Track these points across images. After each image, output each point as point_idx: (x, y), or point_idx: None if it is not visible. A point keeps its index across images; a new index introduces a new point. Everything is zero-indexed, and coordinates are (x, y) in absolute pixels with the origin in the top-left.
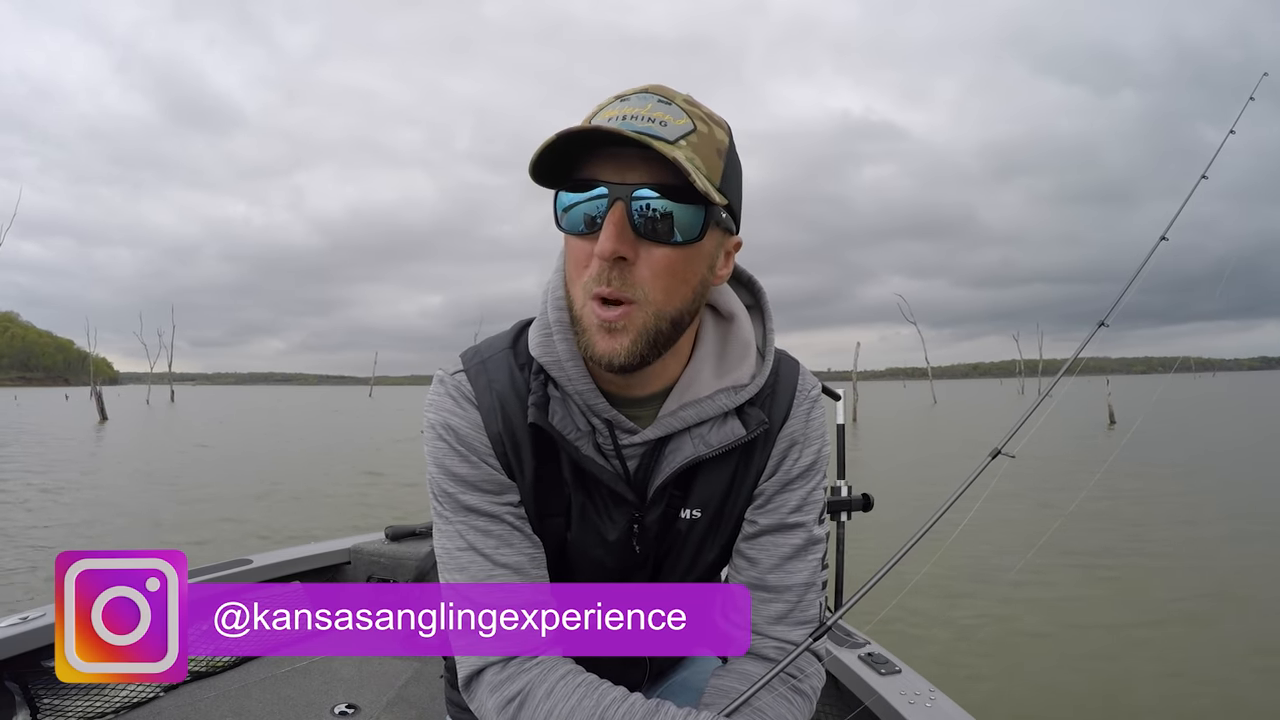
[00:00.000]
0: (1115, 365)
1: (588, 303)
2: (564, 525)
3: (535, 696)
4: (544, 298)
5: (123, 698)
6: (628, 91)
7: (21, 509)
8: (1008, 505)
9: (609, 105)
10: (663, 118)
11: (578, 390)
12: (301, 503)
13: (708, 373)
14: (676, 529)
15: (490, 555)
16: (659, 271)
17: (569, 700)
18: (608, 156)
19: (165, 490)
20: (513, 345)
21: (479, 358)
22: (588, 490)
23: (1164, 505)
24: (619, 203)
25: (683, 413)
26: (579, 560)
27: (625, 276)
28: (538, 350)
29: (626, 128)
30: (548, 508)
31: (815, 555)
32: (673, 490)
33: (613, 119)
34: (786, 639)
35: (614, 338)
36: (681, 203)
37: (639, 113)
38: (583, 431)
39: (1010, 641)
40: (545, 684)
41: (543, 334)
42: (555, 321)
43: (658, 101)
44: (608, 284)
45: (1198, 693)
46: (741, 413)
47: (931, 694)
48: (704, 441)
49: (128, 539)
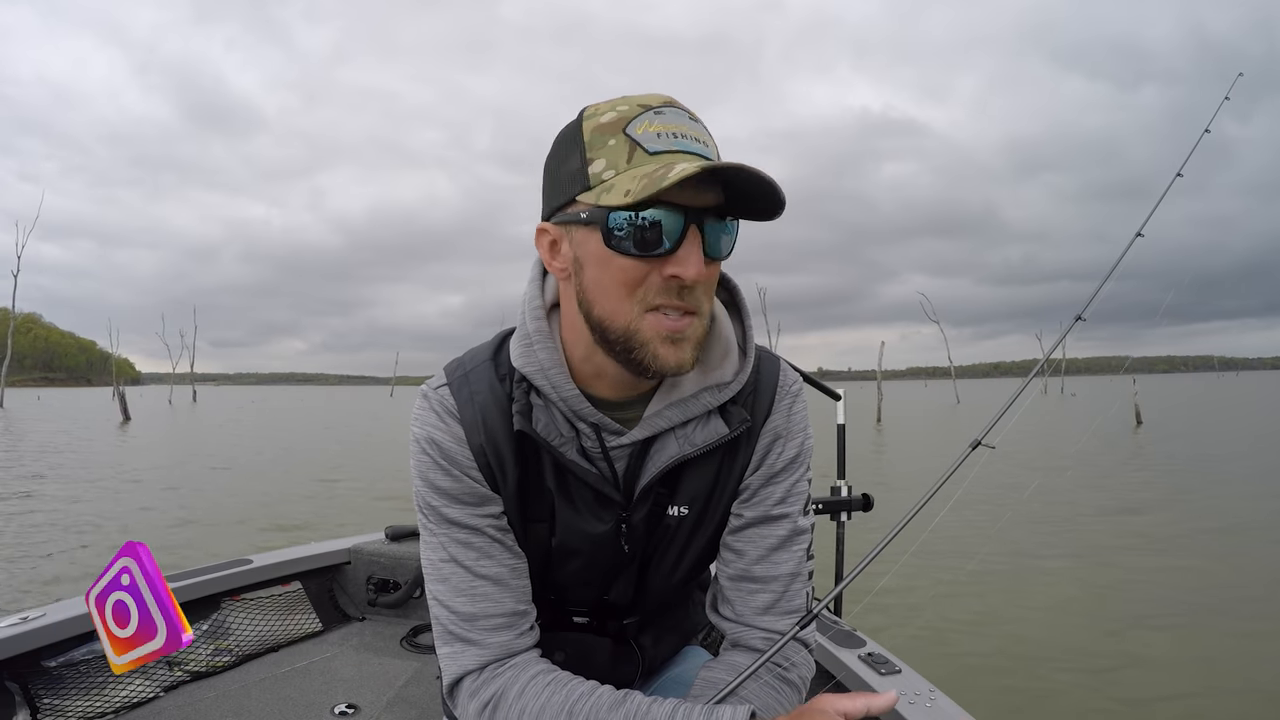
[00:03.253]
0: (1137, 364)
1: (643, 316)
2: (549, 530)
3: (508, 697)
4: (522, 308)
5: (122, 698)
6: (650, 101)
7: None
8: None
9: (642, 117)
10: (703, 138)
11: (563, 397)
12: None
13: (691, 372)
14: (665, 525)
15: (470, 567)
16: (709, 285)
17: (539, 698)
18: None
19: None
20: (494, 356)
21: (461, 370)
22: (571, 494)
23: (1185, 504)
24: (694, 227)
25: (668, 413)
26: (566, 563)
27: (694, 293)
28: (519, 360)
29: (681, 147)
30: (532, 514)
31: (800, 545)
32: (659, 489)
33: (662, 135)
34: (774, 629)
35: (679, 348)
36: (730, 222)
37: (685, 131)
38: (566, 437)
39: (1011, 641)
40: (517, 684)
41: (523, 344)
42: (535, 331)
43: (689, 119)
44: (679, 299)
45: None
46: (724, 411)
47: (931, 694)
48: (689, 440)
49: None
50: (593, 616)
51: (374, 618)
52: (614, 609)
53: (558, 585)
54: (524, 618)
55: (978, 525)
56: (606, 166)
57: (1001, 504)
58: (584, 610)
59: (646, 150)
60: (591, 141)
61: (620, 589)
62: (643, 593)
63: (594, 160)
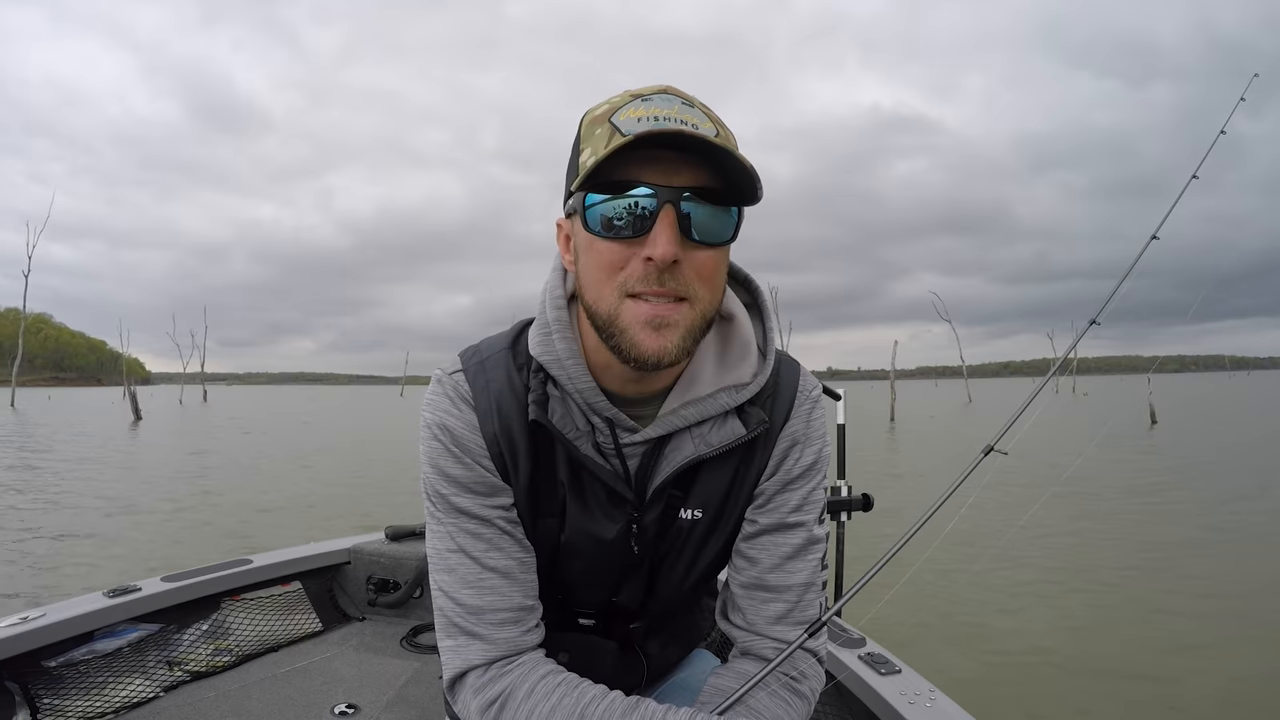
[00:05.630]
0: (1146, 364)
1: (624, 301)
2: (558, 526)
3: (516, 697)
4: (543, 297)
5: (122, 698)
6: (644, 90)
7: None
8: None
9: (629, 105)
10: (693, 120)
11: (578, 389)
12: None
13: (709, 372)
14: (677, 528)
15: (479, 558)
16: (704, 273)
17: (549, 700)
18: (648, 159)
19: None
20: (512, 345)
21: (478, 357)
22: (583, 490)
23: (1197, 508)
24: (669, 206)
25: (684, 411)
26: (574, 561)
27: (677, 277)
28: (537, 350)
29: (660, 128)
30: (543, 509)
31: (815, 555)
32: (672, 490)
33: (643, 119)
34: (785, 639)
35: (662, 335)
36: (722, 205)
37: (669, 114)
38: (582, 431)
39: (1011, 641)
40: (526, 684)
41: (542, 333)
42: (554, 320)
43: (682, 104)
44: (659, 284)
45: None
46: (742, 412)
47: (931, 694)
48: (704, 441)
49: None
50: (599, 619)
51: (374, 618)
52: (621, 613)
53: (565, 584)
54: (531, 613)
55: (985, 529)
56: (589, 155)
57: (1012, 508)
58: (590, 613)
59: (623, 134)
60: (584, 134)
61: (629, 592)
62: (651, 597)
63: (583, 151)
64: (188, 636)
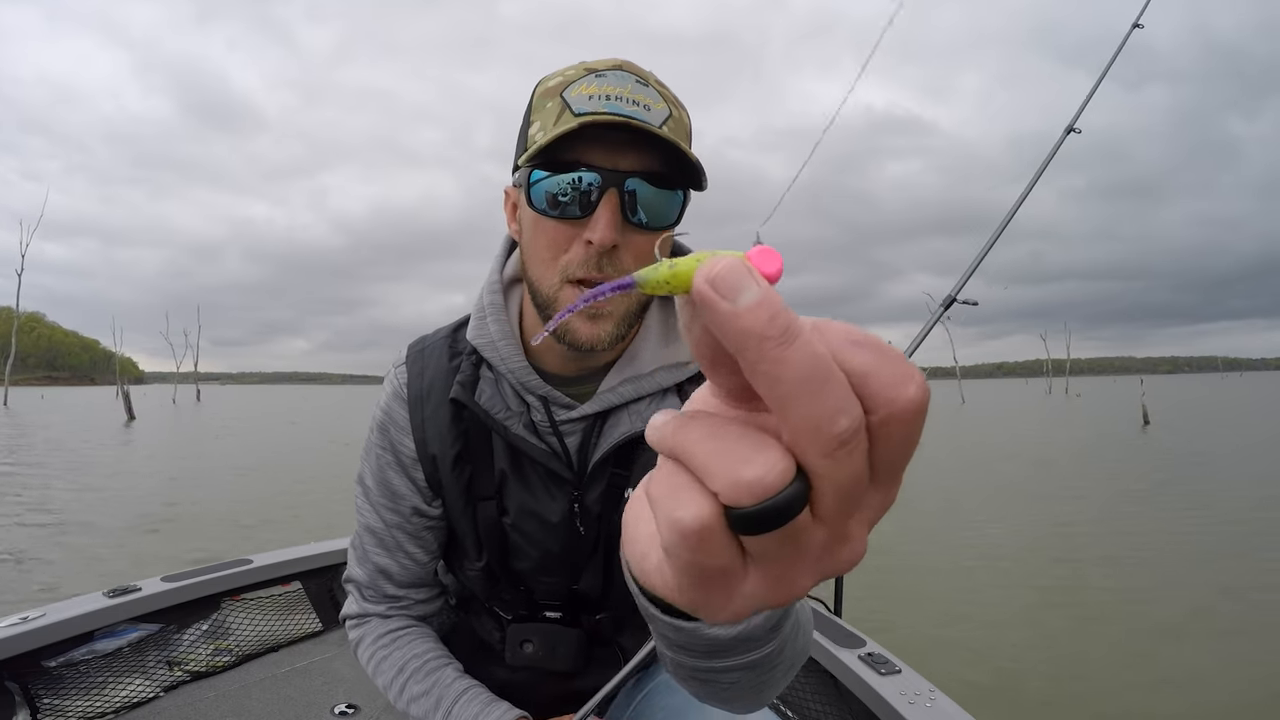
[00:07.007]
0: (1140, 365)
1: (564, 287)
2: (498, 509)
3: (364, 644)
4: (482, 284)
5: (123, 697)
6: (598, 65)
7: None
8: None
9: (582, 80)
10: (645, 101)
11: (511, 369)
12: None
13: (650, 350)
14: (623, 509)
15: (369, 549)
16: (642, 258)
17: (384, 650)
18: (595, 139)
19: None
20: (453, 333)
21: (419, 346)
22: (523, 470)
23: (1191, 499)
24: (612, 190)
25: (621, 388)
26: (524, 548)
27: (614, 263)
28: (472, 333)
29: (611, 109)
30: (478, 490)
31: None
32: (615, 469)
33: (594, 97)
34: None
35: (596, 324)
36: (666, 189)
37: (621, 93)
38: (514, 411)
39: (1013, 641)
40: (370, 636)
41: (477, 317)
42: (489, 305)
43: (636, 82)
44: (598, 270)
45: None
46: (682, 390)
47: (931, 694)
48: (642, 418)
49: None
50: (565, 610)
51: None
52: (586, 603)
53: (519, 575)
54: (398, 602)
55: (986, 529)
56: (539, 129)
57: (1007, 504)
58: (556, 604)
59: (573, 112)
60: (535, 105)
61: (589, 580)
62: (612, 584)
63: (533, 123)
64: (188, 636)
